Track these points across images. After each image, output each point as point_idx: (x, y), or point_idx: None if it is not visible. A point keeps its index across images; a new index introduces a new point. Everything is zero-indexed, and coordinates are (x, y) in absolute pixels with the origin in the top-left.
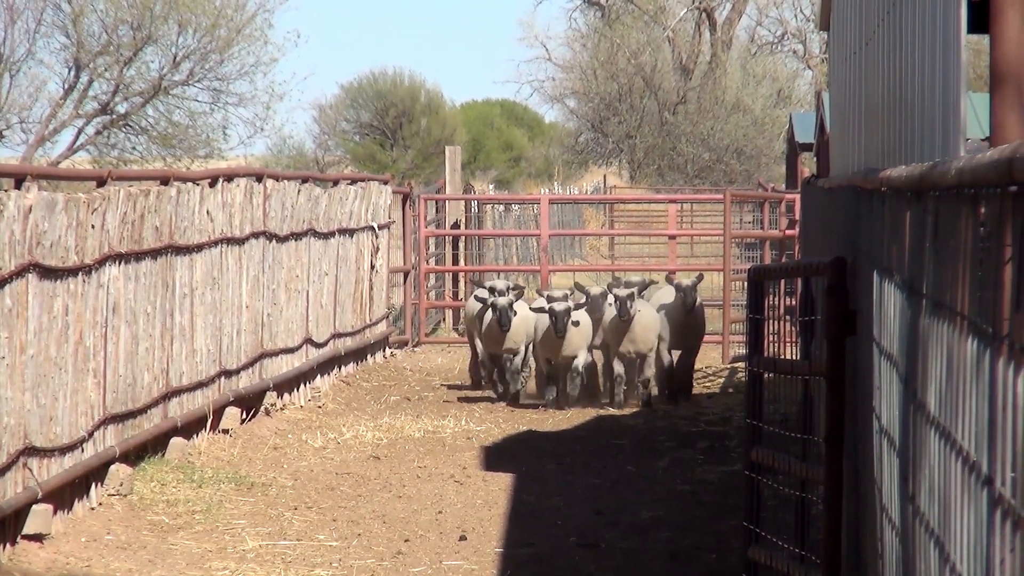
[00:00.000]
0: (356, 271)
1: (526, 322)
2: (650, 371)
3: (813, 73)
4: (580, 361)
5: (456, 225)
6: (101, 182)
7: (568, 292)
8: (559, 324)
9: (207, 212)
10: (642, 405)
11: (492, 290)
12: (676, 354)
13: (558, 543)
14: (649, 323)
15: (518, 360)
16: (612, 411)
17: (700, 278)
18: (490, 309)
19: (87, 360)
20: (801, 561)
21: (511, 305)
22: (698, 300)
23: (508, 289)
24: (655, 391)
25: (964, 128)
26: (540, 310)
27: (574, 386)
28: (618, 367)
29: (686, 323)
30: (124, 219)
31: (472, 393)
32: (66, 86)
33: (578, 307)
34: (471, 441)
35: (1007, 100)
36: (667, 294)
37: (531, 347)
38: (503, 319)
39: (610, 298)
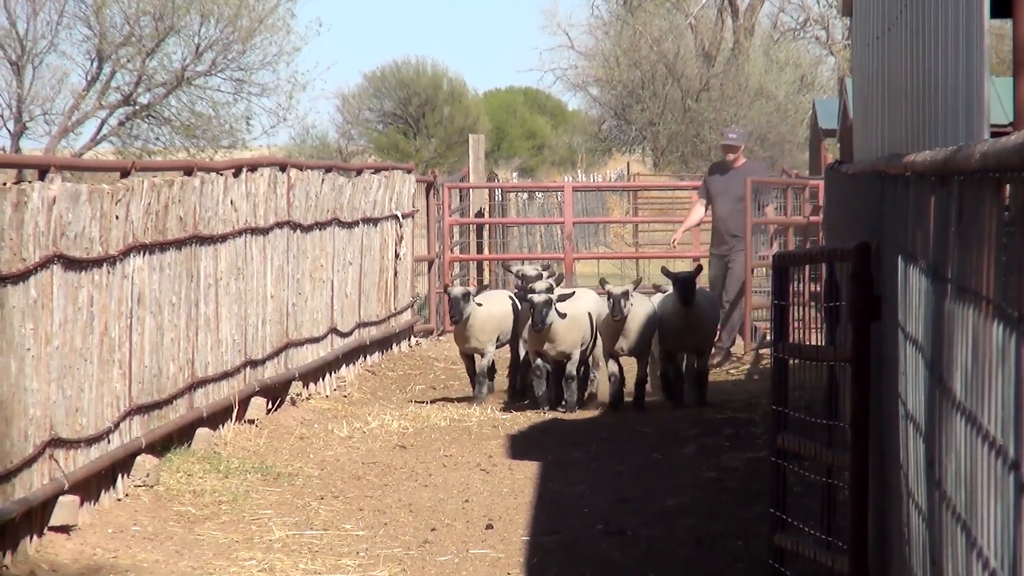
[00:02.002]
0: (380, 260)
1: (494, 318)
2: (571, 368)
3: (836, 59)
4: (572, 367)
5: (480, 213)
6: (125, 173)
7: (540, 268)
8: (537, 317)
9: (231, 202)
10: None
11: (523, 278)
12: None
13: (584, 531)
14: (571, 325)
15: (485, 361)
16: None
17: (699, 269)
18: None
19: (112, 351)
20: (828, 547)
21: (549, 303)
22: (700, 301)
23: (540, 276)
24: (573, 394)
25: (988, 112)
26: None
27: (571, 392)
28: (612, 366)
29: (683, 324)
30: (148, 210)
31: (497, 382)
32: (89, 77)
33: (562, 298)
34: (497, 429)
35: None
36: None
37: (519, 342)
38: (536, 317)
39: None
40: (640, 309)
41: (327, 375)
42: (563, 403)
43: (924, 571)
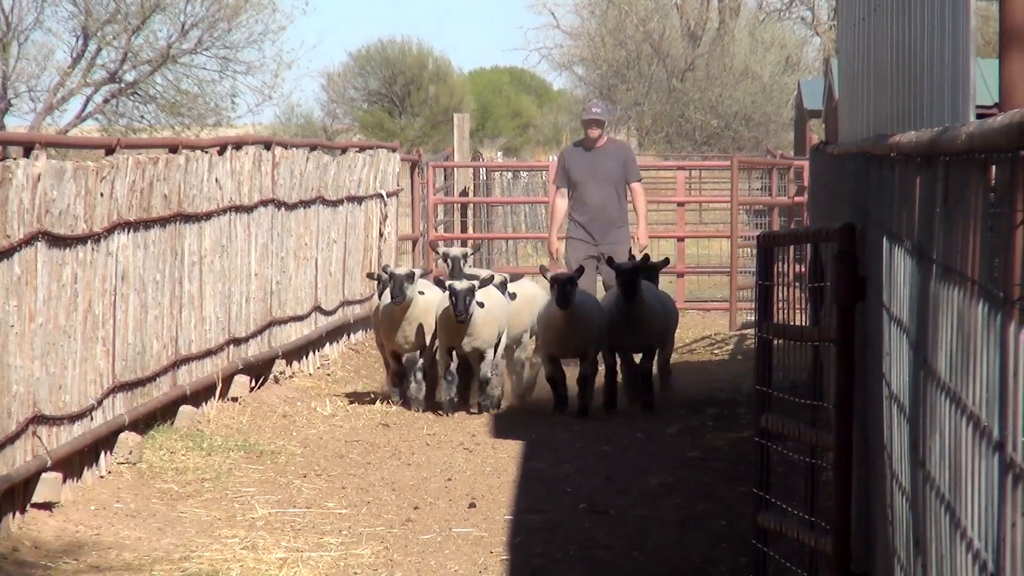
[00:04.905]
0: (365, 239)
1: (429, 314)
2: (486, 368)
3: (821, 40)
4: (487, 367)
5: (464, 193)
6: (110, 150)
7: (470, 250)
8: (460, 305)
9: (216, 180)
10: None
11: (450, 258)
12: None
13: (568, 510)
14: (489, 319)
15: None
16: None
17: (646, 259)
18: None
19: (96, 328)
20: (811, 527)
21: (472, 291)
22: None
23: (464, 257)
24: (495, 391)
25: (974, 94)
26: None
27: (484, 396)
28: (551, 366)
29: (626, 321)
30: (133, 187)
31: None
32: (74, 55)
33: (483, 284)
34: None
35: (1017, 59)
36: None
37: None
38: (459, 306)
39: (529, 285)
40: (491, 305)
41: (311, 353)
42: (478, 404)
43: (908, 552)
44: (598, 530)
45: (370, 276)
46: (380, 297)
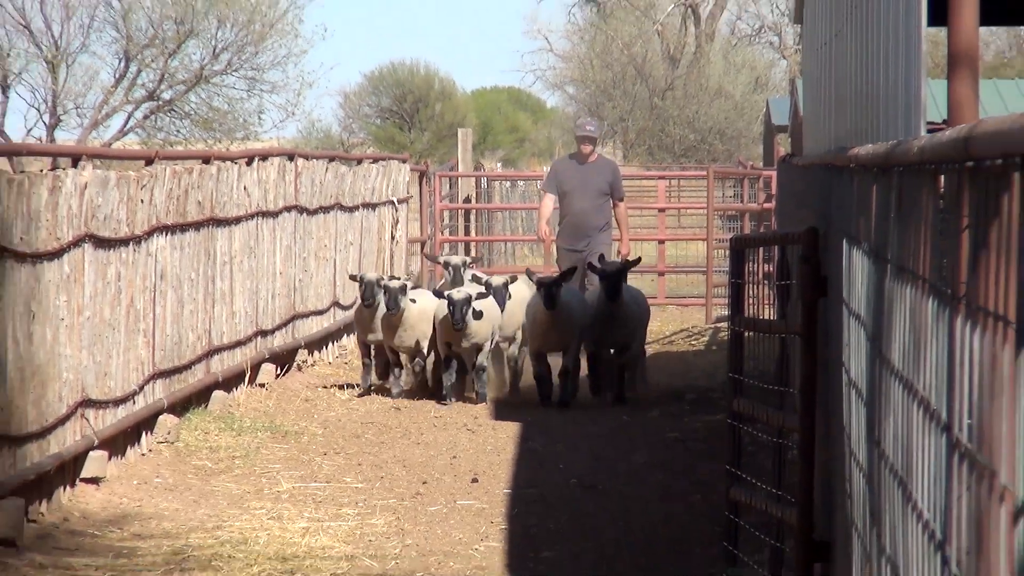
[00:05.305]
0: (378, 241)
1: (422, 320)
2: (481, 359)
3: (787, 62)
4: (483, 357)
5: (468, 199)
6: (149, 161)
7: (467, 261)
8: (457, 315)
9: (244, 188)
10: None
11: (445, 265)
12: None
13: (560, 485)
14: (483, 320)
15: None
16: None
17: (633, 261)
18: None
19: (138, 321)
20: (778, 500)
21: (468, 301)
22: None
23: (464, 265)
24: (483, 384)
25: (924, 111)
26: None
27: (481, 384)
28: (538, 362)
29: (607, 319)
30: (170, 194)
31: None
32: (117, 75)
33: (480, 296)
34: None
35: (963, 80)
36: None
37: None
38: (456, 315)
39: (519, 286)
40: (422, 303)
41: (330, 344)
42: (475, 392)
43: (864, 523)
44: (587, 502)
45: (352, 278)
46: (384, 305)
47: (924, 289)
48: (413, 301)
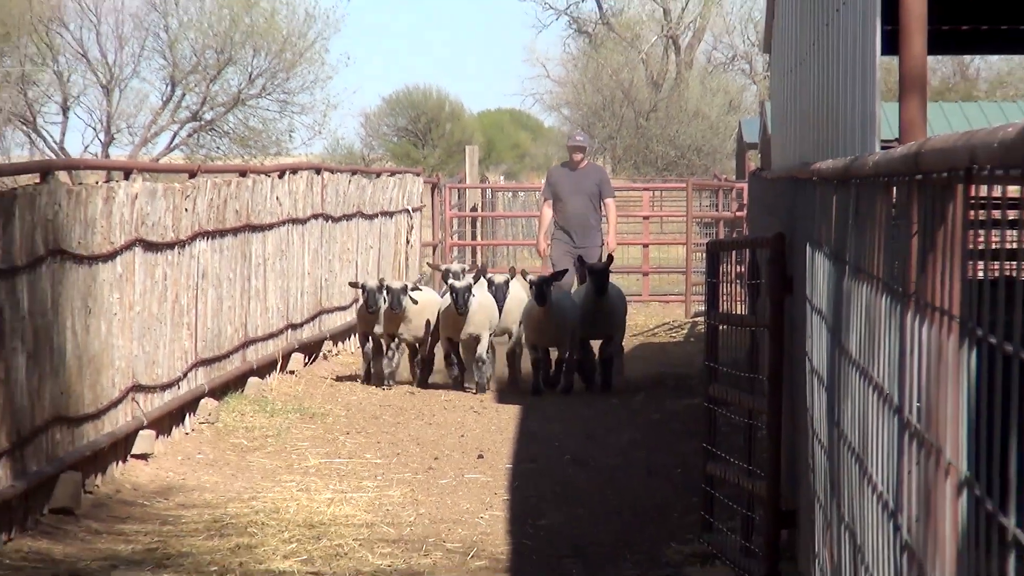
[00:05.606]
0: (395, 245)
1: (428, 311)
2: (480, 350)
3: (757, 87)
4: (483, 348)
5: (474, 208)
6: (192, 174)
7: (465, 268)
8: (460, 301)
9: (276, 198)
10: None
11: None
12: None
13: (556, 460)
14: (480, 310)
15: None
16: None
17: (611, 260)
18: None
19: (182, 316)
20: (749, 475)
21: (469, 288)
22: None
23: (463, 272)
24: (487, 370)
25: (879, 130)
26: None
27: (480, 374)
28: (534, 353)
29: (595, 312)
30: (211, 204)
31: None
32: (164, 99)
33: (476, 279)
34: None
35: (913, 103)
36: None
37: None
38: (459, 301)
39: (517, 283)
40: (425, 299)
41: (352, 336)
42: (475, 383)
43: (825, 494)
44: (579, 476)
45: (353, 285)
46: (388, 305)
47: (878, 287)
48: (414, 302)
